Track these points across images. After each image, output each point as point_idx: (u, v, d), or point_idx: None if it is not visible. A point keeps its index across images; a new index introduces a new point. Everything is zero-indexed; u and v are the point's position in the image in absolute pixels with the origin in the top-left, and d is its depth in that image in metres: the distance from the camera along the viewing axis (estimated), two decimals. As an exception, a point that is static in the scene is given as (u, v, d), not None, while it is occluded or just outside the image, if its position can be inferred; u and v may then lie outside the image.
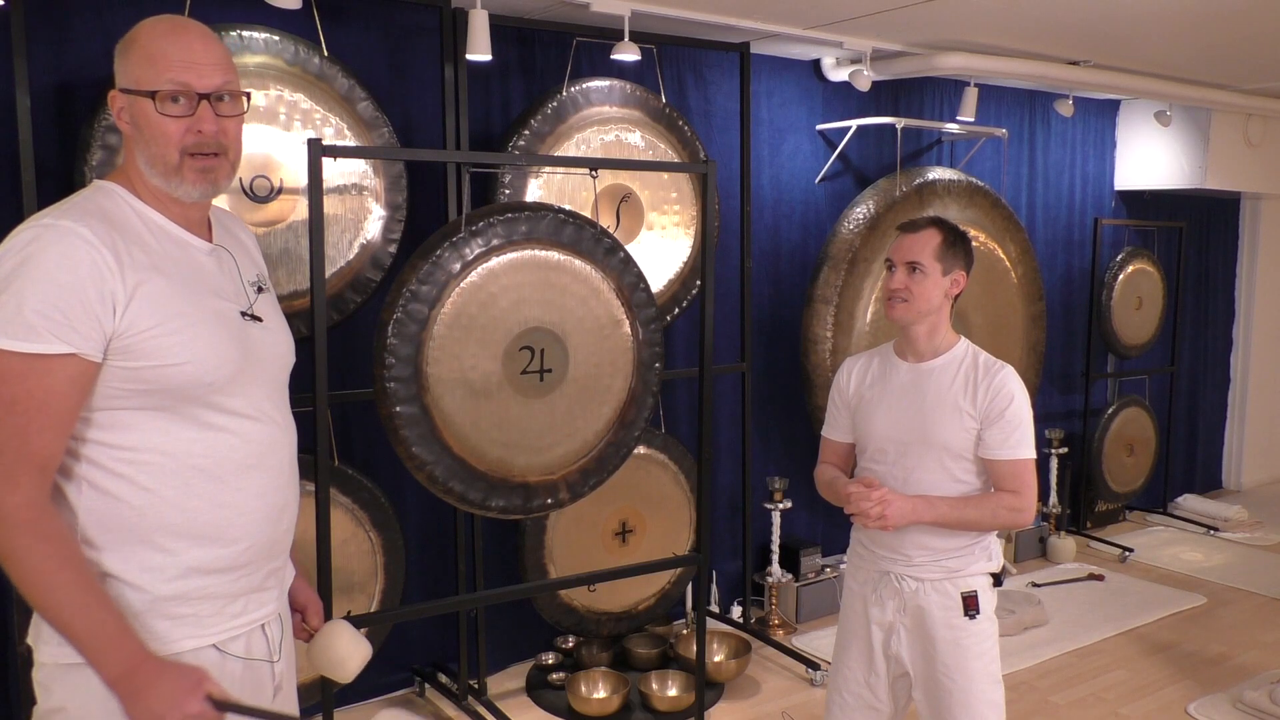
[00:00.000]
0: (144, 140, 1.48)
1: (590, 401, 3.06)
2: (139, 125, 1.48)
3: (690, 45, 3.92)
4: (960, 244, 2.30)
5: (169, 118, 1.46)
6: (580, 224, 2.97)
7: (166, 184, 1.49)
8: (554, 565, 3.69)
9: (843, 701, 2.41)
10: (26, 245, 1.37)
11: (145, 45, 1.48)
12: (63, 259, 1.36)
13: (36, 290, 1.35)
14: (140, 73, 1.46)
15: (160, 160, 1.47)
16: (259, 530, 1.56)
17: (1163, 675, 3.88)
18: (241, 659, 1.55)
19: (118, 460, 1.44)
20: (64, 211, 1.42)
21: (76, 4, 2.88)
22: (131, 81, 1.47)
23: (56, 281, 1.35)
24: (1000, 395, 2.22)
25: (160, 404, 1.45)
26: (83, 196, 1.48)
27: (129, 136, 1.51)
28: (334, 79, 3.07)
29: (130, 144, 1.51)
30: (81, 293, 1.36)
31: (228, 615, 1.53)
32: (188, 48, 1.47)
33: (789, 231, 4.49)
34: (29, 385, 1.35)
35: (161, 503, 1.45)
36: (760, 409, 4.46)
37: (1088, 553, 5.37)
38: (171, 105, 1.46)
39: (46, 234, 1.38)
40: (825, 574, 4.43)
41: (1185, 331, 6.30)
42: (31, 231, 1.39)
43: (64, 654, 1.42)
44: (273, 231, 3.01)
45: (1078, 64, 4.52)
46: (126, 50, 1.49)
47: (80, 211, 1.42)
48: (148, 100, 1.45)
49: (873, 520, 2.19)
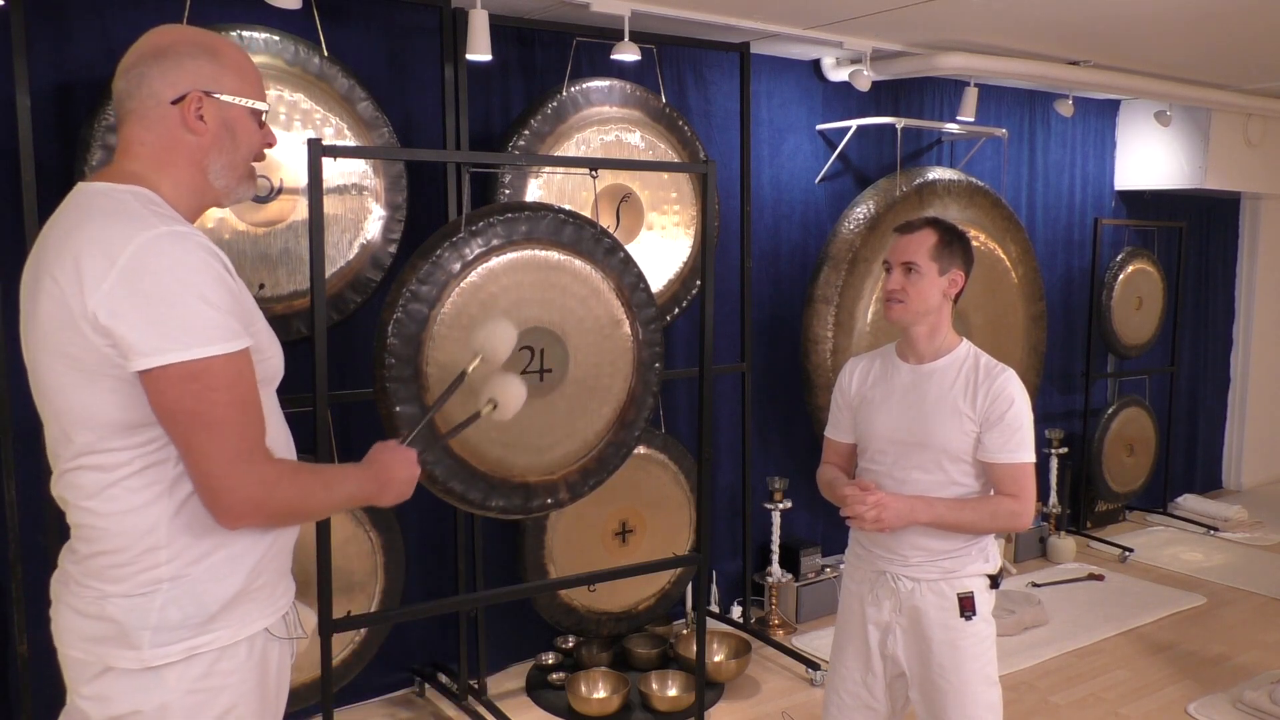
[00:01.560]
0: (232, 145, 1.54)
1: (590, 401, 3.06)
2: (235, 132, 1.54)
3: (690, 45, 3.92)
4: (957, 243, 2.30)
5: (265, 131, 1.60)
6: (580, 224, 2.97)
7: (236, 187, 1.58)
8: (554, 565, 3.69)
9: (840, 701, 2.42)
10: (158, 256, 1.36)
11: (236, 61, 1.55)
12: (203, 262, 1.40)
13: (210, 292, 1.39)
14: (240, 84, 1.54)
15: (242, 165, 1.57)
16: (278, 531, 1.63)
17: (1163, 675, 3.89)
18: (281, 639, 1.62)
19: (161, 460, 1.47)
20: (158, 218, 1.41)
21: (76, 4, 2.88)
22: (233, 91, 1.53)
23: (216, 281, 1.41)
24: (1000, 399, 2.22)
25: None
26: (142, 202, 1.44)
27: (201, 137, 1.50)
28: (334, 79, 3.07)
29: (188, 145, 1.50)
30: (229, 289, 1.44)
31: (276, 596, 1.61)
32: (258, 72, 1.60)
33: (789, 231, 4.50)
34: (247, 381, 1.45)
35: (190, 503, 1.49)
36: (760, 409, 4.46)
37: (1088, 553, 5.37)
38: (264, 121, 1.60)
39: (165, 241, 1.37)
40: (825, 574, 4.44)
41: (1185, 331, 6.30)
42: (146, 241, 1.36)
43: (157, 655, 1.45)
44: (273, 231, 3.01)
45: (1078, 64, 4.52)
46: (215, 58, 1.52)
47: (169, 217, 1.43)
48: (249, 112, 1.55)
49: (868, 523, 2.19)
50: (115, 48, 2.86)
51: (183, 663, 1.46)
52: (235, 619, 1.51)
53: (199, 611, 1.47)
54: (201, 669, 1.48)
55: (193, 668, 1.47)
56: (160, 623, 1.45)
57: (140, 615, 1.45)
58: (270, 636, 1.58)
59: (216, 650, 1.49)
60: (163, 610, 1.45)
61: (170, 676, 1.46)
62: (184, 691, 1.46)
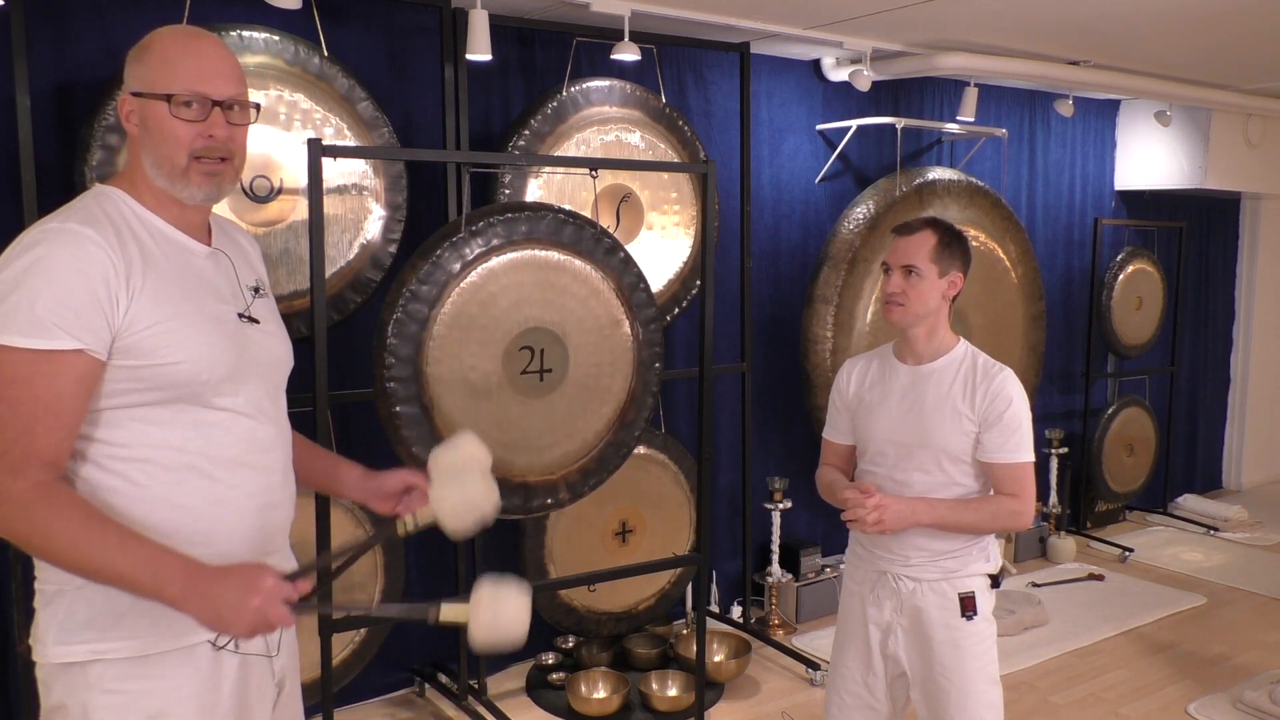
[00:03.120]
0: (153, 142, 1.50)
1: (590, 401, 3.06)
2: (149, 127, 1.50)
3: (690, 45, 3.92)
4: (956, 244, 2.29)
5: (181, 121, 1.49)
6: (580, 224, 2.97)
7: (172, 186, 1.51)
8: (554, 565, 3.69)
9: (841, 701, 2.42)
10: (34, 247, 1.41)
11: (162, 51, 1.51)
12: (72, 260, 1.40)
13: (48, 289, 1.38)
14: (155, 76, 1.49)
15: (168, 162, 1.50)
16: (250, 528, 1.57)
17: (1163, 675, 3.89)
18: (238, 654, 1.56)
19: (111, 458, 1.46)
20: (68, 215, 1.46)
21: (76, 4, 2.88)
22: (145, 85, 1.50)
23: (66, 281, 1.39)
24: (999, 399, 2.22)
25: (156, 402, 1.47)
26: (84, 202, 1.51)
27: (135, 139, 1.53)
28: (334, 79, 3.07)
29: (136, 147, 1.53)
30: (90, 292, 1.40)
31: None
32: (204, 56, 1.51)
33: (789, 231, 4.50)
34: (38, 385, 1.37)
35: (154, 499, 1.47)
36: (760, 409, 4.46)
37: (1088, 553, 5.37)
38: (185, 109, 1.49)
39: (53, 236, 1.42)
40: (825, 574, 4.43)
41: (1185, 331, 6.30)
42: (38, 234, 1.43)
43: (60, 653, 1.46)
44: (273, 231, 3.01)
45: (1078, 64, 4.52)
46: (141, 55, 1.52)
47: (84, 215, 1.46)
48: (161, 103, 1.48)
49: (869, 526, 2.19)
50: (115, 48, 2.85)
51: (98, 663, 1.45)
52: (158, 627, 1.46)
53: (108, 613, 1.45)
54: (121, 671, 1.46)
55: (110, 669, 1.46)
56: (65, 621, 1.46)
57: (51, 611, 1.47)
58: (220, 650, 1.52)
59: (139, 656, 1.46)
60: (70, 608, 1.46)
61: (90, 674, 1.45)
62: (102, 690, 1.46)
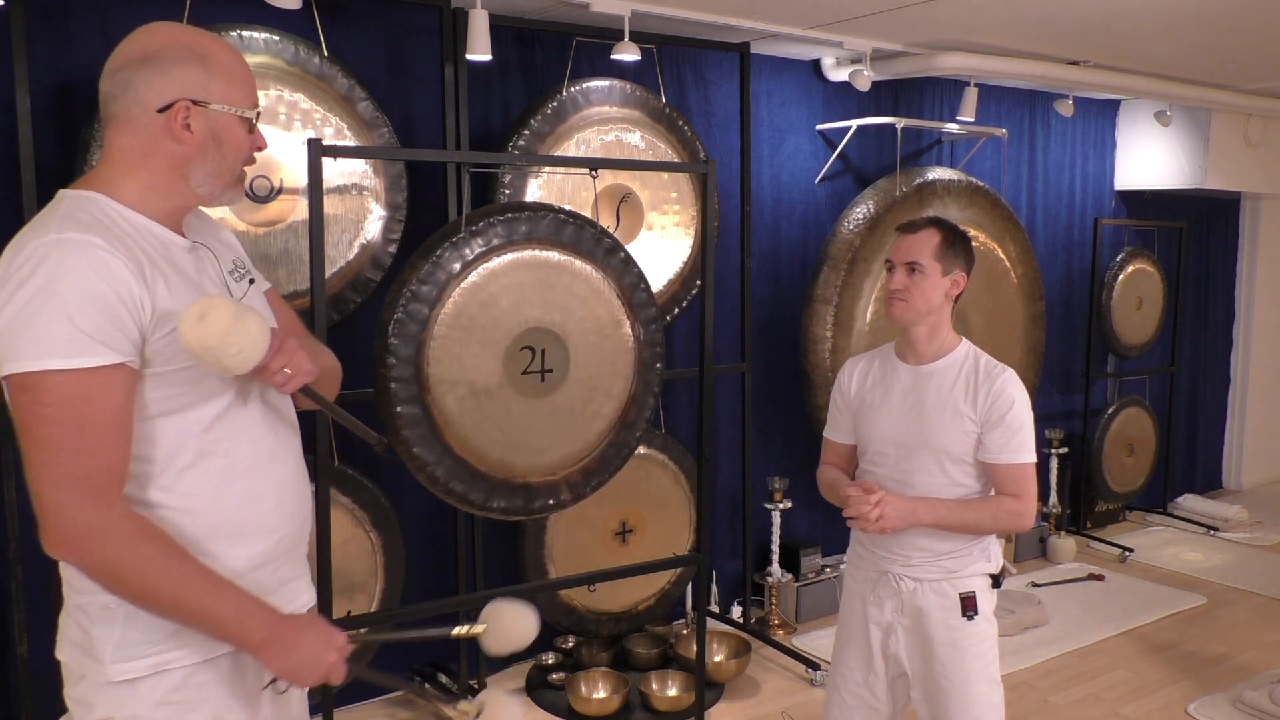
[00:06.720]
0: (219, 154, 1.49)
1: (591, 402, 3.05)
2: (221, 139, 1.49)
3: (690, 45, 3.92)
4: (960, 244, 2.30)
5: (251, 137, 1.54)
6: (580, 224, 2.97)
7: (223, 192, 1.54)
8: (554, 565, 3.69)
9: (841, 701, 2.42)
10: (43, 263, 1.33)
11: (226, 65, 1.49)
12: (91, 270, 1.33)
13: (78, 305, 1.32)
14: (229, 92, 1.49)
15: (230, 173, 1.53)
16: (287, 520, 1.58)
17: (1163, 675, 3.89)
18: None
19: (151, 473, 1.43)
20: (61, 225, 1.36)
21: (76, 4, 2.88)
22: (222, 99, 1.48)
23: (94, 293, 1.33)
24: (1000, 399, 2.22)
25: (183, 406, 1.44)
26: (67, 209, 1.41)
27: (186, 146, 1.46)
28: (334, 79, 3.07)
29: (163, 154, 1.46)
30: (119, 301, 1.35)
31: None
32: (250, 73, 1.55)
33: (789, 231, 4.50)
34: (97, 403, 1.34)
35: (199, 509, 1.46)
36: (760, 409, 4.45)
37: (1088, 553, 5.37)
38: (253, 126, 1.54)
39: (60, 249, 1.33)
40: (825, 574, 4.43)
41: (1185, 331, 6.30)
42: (38, 249, 1.34)
43: (120, 670, 1.43)
44: (273, 231, 3.01)
45: (1078, 64, 4.52)
46: (204, 63, 1.46)
47: (78, 223, 1.37)
48: (239, 120, 1.51)
49: (871, 524, 2.19)
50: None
51: (154, 676, 1.43)
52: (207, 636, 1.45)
53: (161, 626, 1.43)
54: (174, 682, 1.45)
55: (165, 680, 1.44)
56: (122, 638, 1.42)
57: (104, 628, 1.43)
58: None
59: (190, 665, 1.46)
60: (125, 625, 1.42)
61: (141, 689, 1.43)
62: (154, 704, 1.44)
